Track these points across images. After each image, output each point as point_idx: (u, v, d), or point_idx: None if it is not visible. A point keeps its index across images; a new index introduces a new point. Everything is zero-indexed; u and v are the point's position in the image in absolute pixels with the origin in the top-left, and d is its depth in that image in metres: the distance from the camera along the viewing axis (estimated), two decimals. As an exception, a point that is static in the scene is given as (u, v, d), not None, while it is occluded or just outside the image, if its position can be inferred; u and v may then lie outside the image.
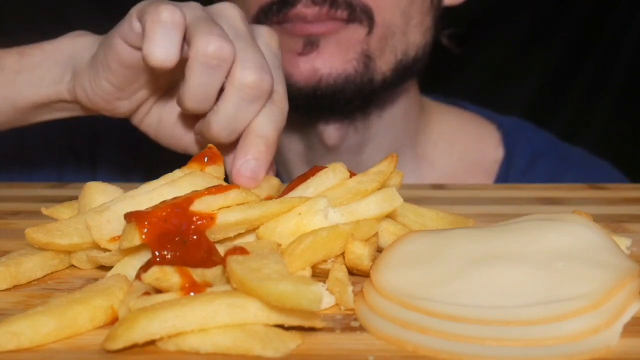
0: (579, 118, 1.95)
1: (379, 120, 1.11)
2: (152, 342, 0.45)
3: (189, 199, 0.55)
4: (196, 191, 0.56)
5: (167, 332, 0.44)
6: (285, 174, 1.18)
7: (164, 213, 0.53)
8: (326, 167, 0.62)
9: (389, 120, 1.12)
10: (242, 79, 0.67)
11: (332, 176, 0.60)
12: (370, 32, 0.98)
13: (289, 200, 0.57)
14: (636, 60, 1.88)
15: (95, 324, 0.48)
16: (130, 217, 0.53)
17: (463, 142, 1.21)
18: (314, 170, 0.62)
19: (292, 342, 0.45)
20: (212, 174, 0.62)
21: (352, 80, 0.99)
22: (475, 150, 1.21)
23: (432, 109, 1.22)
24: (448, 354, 0.44)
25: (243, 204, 0.57)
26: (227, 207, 0.56)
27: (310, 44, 0.97)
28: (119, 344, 0.43)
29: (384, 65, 1.01)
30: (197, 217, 0.54)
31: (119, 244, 0.54)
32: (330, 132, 1.08)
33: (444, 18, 1.14)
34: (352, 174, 0.61)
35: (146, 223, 0.52)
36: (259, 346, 0.44)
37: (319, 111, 1.05)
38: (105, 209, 0.57)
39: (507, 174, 1.17)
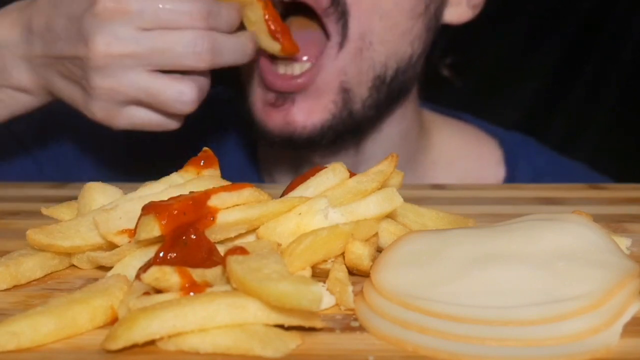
0: (577, 123, 1.95)
1: (373, 144, 1.07)
2: (152, 342, 0.45)
3: (207, 194, 0.55)
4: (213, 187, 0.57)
5: (167, 332, 0.44)
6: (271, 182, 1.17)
7: (184, 206, 0.53)
8: (326, 167, 0.62)
9: (385, 143, 1.07)
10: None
11: (332, 176, 0.60)
12: (342, 45, 0.92)
13: (289, 200, 0.57)
14: (635, 65, 1.88)
15: (95, 324, 0.48)
16: (149, 209, 0.53)
17: (463, 161, 1.17)
18: (314, 170, 0.62)
19: (292, 342, 0.45)
20: (219, 178, 0.62)
21: (329, 125, 0.95)
22: (476, 170, 1.17)
23: (432, 125, 1.18)
24: (448, 354, 0.44)
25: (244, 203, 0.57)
26: (240, 205, 0.56)
27: (284, 98, 0.93)
28: (119, 344, 0.43)
29: (361, 87, 0.96)
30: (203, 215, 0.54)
31: (136, 235, 0.54)
32: (318, 159, 1.04)
33: (443, 35, 1.08)
34: (352, 174, 0.61)
35: (166, 215, 0.52)
36: (259, 346, 0.44)
37: (299, 151, 1.01)
38: (114, 207, 0.57)
39: None
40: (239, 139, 1.21)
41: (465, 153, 1.18)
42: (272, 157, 1.15)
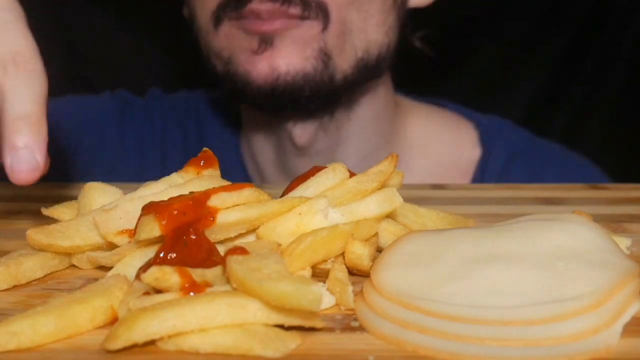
0: (577, 121, 1.95)
1: (349, 122, 1.10)
2: (152, 342, 0.45)
3: (207, 194, 0.55)
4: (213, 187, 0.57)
5: (167, 332, 0.44)
6: (259, 179, 1.17)
7: (184, 206, 0.53)
8: (326, 167, 0.62)
9: (360, 122, 1.11)
10: None
11: (332, 176, 0.60)
12: (325, 28, 0.96)
13: (289, 200, 0.57)
14: (635, 63, 1.88)
15: (95, 324, 0.48)
16: (149, 209, 0.53)
17: (439, 143, 1.20)
18: (313, 170, 0.62)
19: (292, 342, 0.45)
20: (219, 178, 0.62)
21: (311, 78, 0.97)
22: (452, 152, 1.20)
23: (408, 109, 1.21)
24: (448, 354, 0.44)
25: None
26: (240, 204, 0.56)
27: (265, 42, 0.95)
28: (119, 344, 0.44)
29: (344, 63, 1.00)
30: (203, 215, 0.54)
31: (136, 235, 0.54)
32: (299, 132, 1.07)
33: (413, 19, 1.13)
34: (352, 174, 0.61)
35: (166, 215, 0.52)
36: (259, 346, 0.44)
37: (280, 110, 1.03)
38: (114, 207, 0.57)
39: (483, 174, 1.16)
40: (224, 139, 1.21)
41: (441, 136, 1.20)
42: (256, 151, 1.16)
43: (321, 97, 1.00)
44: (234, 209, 0.56)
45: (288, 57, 0.96)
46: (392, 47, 1.06)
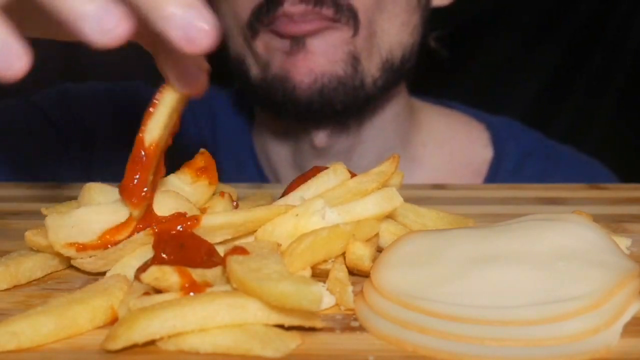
0: (579, 121, 1.95)
1: (371, 124, 1.10)
2: (152, 342, 0.45)
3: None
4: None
5: (167, 332, 0.44)
6: (274, 178, 1.17)
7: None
8: (327, 167, 0.61)
9: (380, 124, 1.11)
10: None
11: (332, 177, 0.60)
12: (355, 34, 0.97)
13: (276, 207, 0.56)
14: (638, 62, 1.88)
15: (95, 324, 0.48)
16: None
17: (452, 142, 1.21)
18: (314, 170, 0.62)
19: (292, 342, 0.45)
20: (213, 186, 0.62)
21: (344, 82, 0.98)
22: (465, 151, 1.20)
23: (421, 110, 1.22)
24: (448, 354, 0.44)
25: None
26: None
27: (297, 44, 0.96)
28: (119, 344, 0.44)
29: (372, 67, 1.00)
30: (182, 220, 0.54)
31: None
32: (320, 136, 1.07)
33: (433, 19, 1.13)
34: (352, 175, 0.61)
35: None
36: (259, 346, 0.44)
37: (319, 118, 1.04)
38: (68, 212, 0.56)
39: (495, 174, 1.17)
40: (237, 136, 1.21)
41: (453, 135, 1.21)
42: (270, 150, 1.16)
43: (355, 104, 1.00)
44: (219, 212, 0.55)
45: (320, 60, 0.96)
46: (416, 47, 1.06)
